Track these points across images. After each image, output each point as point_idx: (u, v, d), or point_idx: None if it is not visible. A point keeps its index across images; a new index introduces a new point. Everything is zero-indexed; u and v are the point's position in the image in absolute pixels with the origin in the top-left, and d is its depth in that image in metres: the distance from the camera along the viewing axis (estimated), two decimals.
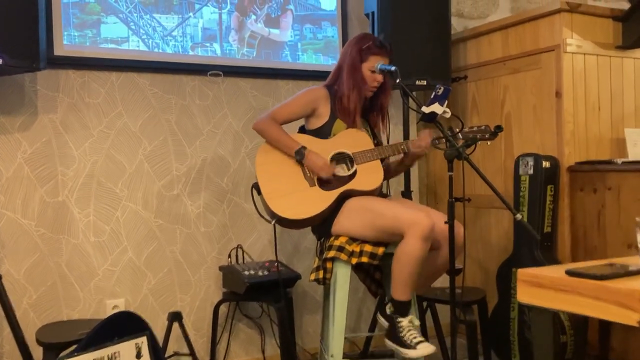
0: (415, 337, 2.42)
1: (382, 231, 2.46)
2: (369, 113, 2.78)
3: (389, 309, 2.52)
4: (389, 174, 2.83)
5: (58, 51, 2.82)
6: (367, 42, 2.64)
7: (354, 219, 2.52)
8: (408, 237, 2.37)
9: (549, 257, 3.09)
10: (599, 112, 3.25)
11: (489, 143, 2.59)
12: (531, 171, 3.12)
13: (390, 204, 2.50)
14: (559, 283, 1.29)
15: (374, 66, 2.60)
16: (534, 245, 3.08)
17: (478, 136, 2.54)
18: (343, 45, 3.33)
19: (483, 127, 2.57)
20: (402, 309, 2.48)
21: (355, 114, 2.63)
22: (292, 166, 2.59)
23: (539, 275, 1.34)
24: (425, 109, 2.35)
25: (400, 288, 2.45)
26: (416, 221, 2.35)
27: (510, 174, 3.28)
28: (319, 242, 2.72)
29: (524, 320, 3.08)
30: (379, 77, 2.65)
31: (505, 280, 3.19)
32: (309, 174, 2.59)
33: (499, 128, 2.50)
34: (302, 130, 2.77)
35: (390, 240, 2.47)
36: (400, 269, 2.43)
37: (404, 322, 2.47)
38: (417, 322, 2.51)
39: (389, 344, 2.51)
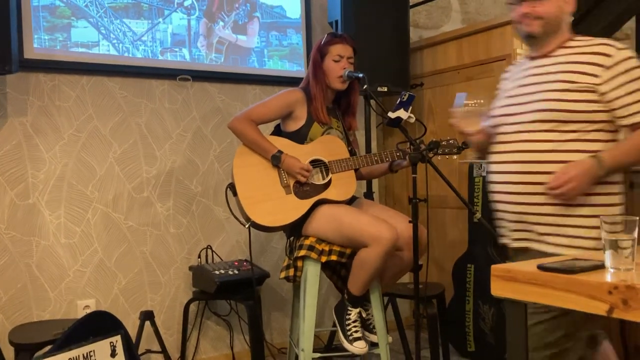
0: (356, 332, 2.53)
1: (348, 240, 2.50)
2: (344, 115, 2.78)
3: (344, 295, 2.59)
4: (362, 178, 2.87)
5: (28, 54, 2.74)
6: (324, 39, 2.67)
7: (323, 226, 2.53)
8: (371, 248, 2.42)
9: (501, 254, 3.17)
10: None
11: (455, 157, 2.64)
12: (484, 173, 3.20)
13: (358, 215, 2.50)
14: (531, 277, 1.34)
15: (336, 55, 2.61)
16: (487, 242, 3.16)
17: (447, 150, 2.60)
18: (308, 52, 3.36)
19: (451, 141, 2.61)
20: (354, 300, 2.55)
21: (323, 108, 2.62)
22: (268, 172, 2.57)
23: (513, 270, 1.38)
24: (392, 114, 2.38)
25: (355, 285, 2.52)
26: (380, 237, 2.39)
27: (465, 176, 3.35)
28: (288, 241, 2.72)
29: (479, 312, 3.16)
30: (343, 64, 2.62)
31: (460, 276, 3.27)
32: (285, 181, 2.57)
33: (465, 145, 2.56)
34: (278, 129, 2.75)
35: (355, 248, 2.50)
36: (359, 271, 2.48)
37: (353, 313, 2.55)
38: (364, 314, 2.60)
39: (334, 317, 2.61)
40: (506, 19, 3.22)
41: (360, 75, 2.54)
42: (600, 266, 1.36)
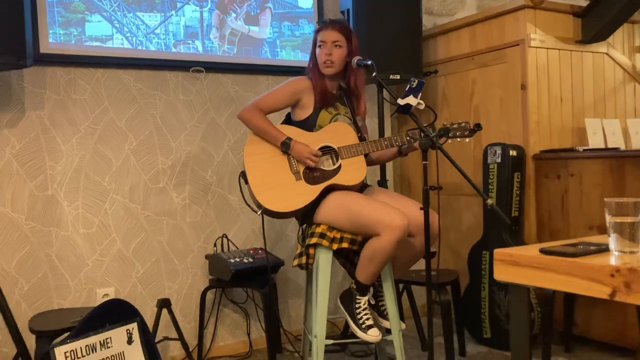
0: (368, 319, 2.50)
1: (358, 228, 2.47)
2: (351, 99, 2.74)
3: (352, 284, 2.56)
4: (372, 163, 2.84)
5: (44, 49, 2.75)
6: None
7: (334, 213, 2.51)
8: (382, 236, 2.38)
9: (517, 240, 3.12)
10: (562, 103, 3.28)
11: (467, 140, 2.59)
12: (499, 160, 3.14)
13: (369, 202, 2.47)
14: (534, 261, 1.30)
15: (320, 42, 2.60)
16: (502, 228, 3.11)
17: (458, 133, 2.54)
18: None
19: (463, 124, 2.55)
20: (363, 289, 2.53)
21: (321, 93, 2.60)
22: (279, 158, 2.56)
23: (515, 255, 1.34)
24: (401, 101, 2.34)
25: (364, 274, 2.49)
26: (391, 224, 2.35)
27: (479, 162, 3.30)
28: (300, 229, 2.70)
29: (494, 299, 3.11)
30: (327, 49, 2.58)
31: (476, 262, 3.22)
32: (295, 167, 2.55)
33: (478, 126, 2.50)
34: (288, 118, 2.74)
35: (366, 236, 2.47)
36: (368, 260, 2.45)
37: (362, 301, 2.53)
38: (372, 301, 2.59)
39: (340, 307, 2.59)
40: (519, 3, 3.15)
41: (369, 62, 2.50)
42: (605, 249, 1.31)
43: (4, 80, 2.70)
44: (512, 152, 3.11)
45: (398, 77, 3.27)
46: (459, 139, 2.58)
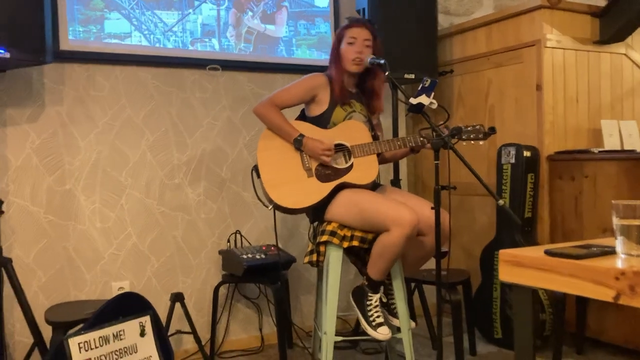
0: (378, 317, 2.50)
1: (369, 225, 2.47)
2: (368, 99, 2.75)
3: (363, 280, 2.57)
4: (385, 161, 2.84)
5: (64, 46, 2.80)
6: (343, 24, 2.65)
7: (344, 211, 2.51)
8: (392, 232, 2.38)
9: (530, 241, 3.10)
10: (577, 104, 3.24)
11: (481, 143, 2.57)
12: (513, 160, 3.12)
13: (379, 199, 2.47)
14: (538, 262, 1.29)
15: (350, 38, 2.58)
16: (515, 229, 3.09)
17: (472, 136, 2.53)
18: None
19: (477, 127, 2.54)
20: (374, 285, 2.52)
21: (340, 90, 2.59)
22: (292, 154, 2.57)
23: (519, 255, 1.34)
24: (413, 101, 2.33)
25: (375, 270, 2.49)
26: (400, 219, 2.35)
27: (494, 162, 3.28)
28: (311, 226, 2.71)
29: (506, 300, 3.09)
30: (358, 46, 2.58)
31: (488, 263, 3.21)
32: (307, 165, 2.56)
33: (492, 130, 2.49)
34: (303, 114, 2.75)
35: (377, 232, 2.47)
36: (379, 256, 2.45)
37: (374, 298, 2.53)
38: (384, 299, 2.58)
39: (352, 302, 2.58)
40: (536, 3, 3.12)
41: (382, 61, 2.50)
42: (611, 252, 1.30)
43: (25, 76, 2.74)
44: (526, 153, 3.09)
45: (413, 76, 3.26)
46: (472, 142, 2.57)
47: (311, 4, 3.45)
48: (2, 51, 2.32)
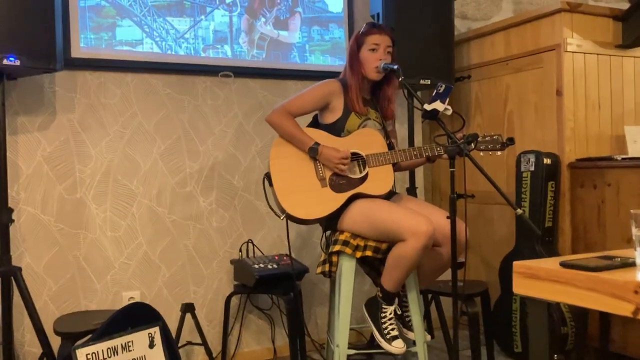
0: (393, 330, 2.47)
1: (383, 235, 2.45)
2: (382, 106, 2.72)
3: (377, 292, 2.54)
4: (401, 169, 2.81)
5: (75, 53, 2.82)
6: (362, 29, 2.62)
7: (358, 221, 2.48)
8: (407, 242, 2.35)
9: (550, 251, 3.04)
10: (599, 110, 3.19)
11: (499, 154, 2.54)
12: (532, 168, 3.07)
13: (393, 208, 2.44)
14: (553, 275, 1.26)
15: (372, 44, 2.56)
16: (535, 239, 3.04)
17: (489, 146, 2.50)
18: None
19: (495, 137, 2.51)
20: (389, 297, 2.49)
21: (358, 98, 2.57)
22: (305, 163, 2.55)
23: (534, 267, 1.30)
24: (427, 107, 2.31)
25: (390, 281, 2.46)
26: (416, 229, 2.32)
27: (512, 170, 3.23)
28: (324, 236, 2.69)
29: (526, 312, 3.03)
30: (380, 54, 2.56)
31: (507, 274, 3.14)
32: (321, 174, 2.54)
33: (510, 141, 2.46)
34: (316, 120, 2.73)
35: (391, 242, 2.44)
36: (394, 267, 2.42)
37: (388, 310, 2.50)
38: (399, 311, 2.55)
39: (365, 314, 2.56)
40: (555, 7, 3.08)
41: (395, 66, 2.48)
42: (631, 264, 1.26)
43: (36, 83, 2.77)
44: (547, 160, 3.04)
45: (429, 82, 3.23)
46: (490, 153, 2.54)
47: (325, 10, 3.45)
48: (12, 59, 2.35)
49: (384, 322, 2.49)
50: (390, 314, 2.50)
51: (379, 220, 2.43)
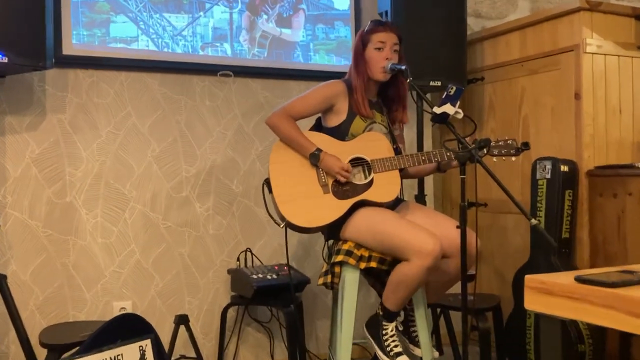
0: (396, 347, 2.44)
1: (388, 250, 2.42)
2: (391, 109, 2.69)
3: (378, 309, 2.51)
4: (409, 176, 2.78)
5: (67, 50, 2.81)
6: (366, 26, 2.60)
7: (362, 231, 2.46)
8: (411, 262, 2.32)
9: (567, 264, 3.00)
10: (620, 114, 3.15)
11: (513, 159, 2.52)
12: (549, 175, 3.04)
13: (400, 222, 2.41)
14: (568, 290, 1.23)
15: (378, 43, 2.53)
16: (551, 251, 3.00)
17: (503, 151, 2.48)
18: None
19: (509, 142, 2.49)
20: (389, 315, 2.47)
21: (364, 100, 2.54)
22: (306, 168, 2.52)
23: (548, 282, 1.27)
24: (437, 110, 2.29)
25: (392, 300, 2.43)
26: (422, 249, 2.29)
27: (528, 178, 3.20)
28: (326, 245, 2.67)
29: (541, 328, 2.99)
30: (386, 52, 2.53)
31: (521, 288, 3.10)
32: (323, 180, 2.51)
33: (525, 145, 2.45)
34: (319, 122, 2.70)
35: (396, 258, 2.41)
36: (396, 285, 2.40)
37: (389, 327, 2.47)
38: (400, 327, 2.54)
39: (366, 333, 2.54)
40: (575, 5, 3.05)
41: (403, 67, 2.46)
42: None
43: (25, 82, 2.76)
44: (564, 168, 3.01)
45: (439, 83, 3.21)
46: (503, 158, 2.52)
47: (330, 7, 3.43)
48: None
49: (386, 340, 2.46)
50: (392, 330, 2.47)
51: (383, 233, 2.40)
